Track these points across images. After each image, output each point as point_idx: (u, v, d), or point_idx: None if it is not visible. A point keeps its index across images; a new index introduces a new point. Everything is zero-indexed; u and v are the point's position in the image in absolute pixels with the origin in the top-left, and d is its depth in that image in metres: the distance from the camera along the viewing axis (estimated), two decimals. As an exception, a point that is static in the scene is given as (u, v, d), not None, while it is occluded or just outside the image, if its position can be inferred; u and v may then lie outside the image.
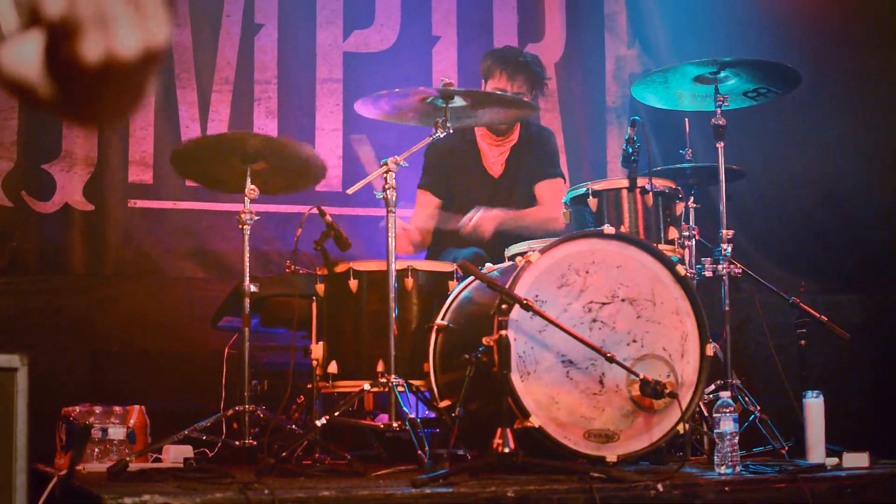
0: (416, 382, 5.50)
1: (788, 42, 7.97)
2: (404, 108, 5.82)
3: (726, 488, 4.59)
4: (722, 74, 6.03)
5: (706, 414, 5.62)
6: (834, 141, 8.17)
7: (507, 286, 4.88)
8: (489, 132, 6.91)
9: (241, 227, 5.66)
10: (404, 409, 5.30)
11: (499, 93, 6.57)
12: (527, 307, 4.81)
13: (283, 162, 5.89)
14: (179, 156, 6.15)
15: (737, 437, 4.87)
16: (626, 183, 5.76)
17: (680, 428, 5.05)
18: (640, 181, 5.74)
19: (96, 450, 5.64)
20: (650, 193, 5.76)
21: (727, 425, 4.85)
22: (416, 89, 5.69)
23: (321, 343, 5.73)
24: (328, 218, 5.66)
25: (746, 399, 5.89)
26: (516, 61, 6.89)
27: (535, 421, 4.82)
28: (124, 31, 1.34)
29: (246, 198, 5.64)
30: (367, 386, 5.41)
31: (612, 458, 4.91)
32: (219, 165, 5.86)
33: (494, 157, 6.93)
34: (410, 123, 6.03)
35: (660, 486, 4.46)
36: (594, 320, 5.04)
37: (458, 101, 5.66)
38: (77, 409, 5.77)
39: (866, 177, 8.07)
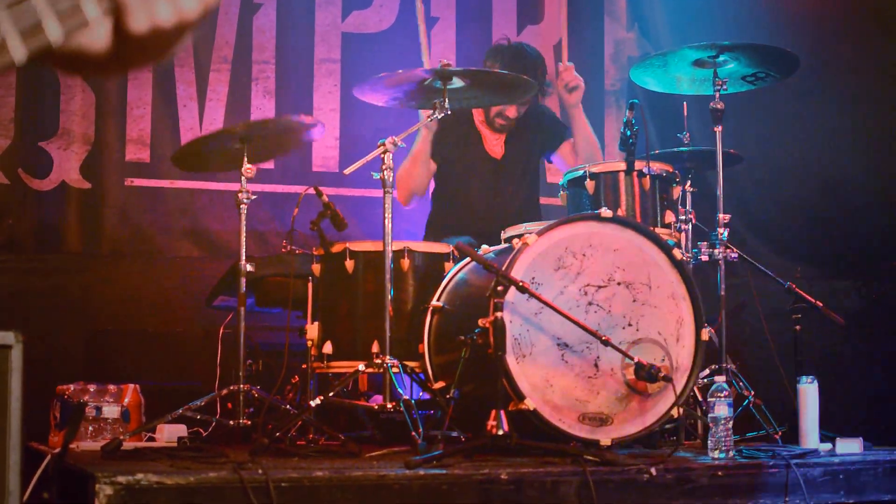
0: (410, 364, 5.50)
1: (788, 29, 7.96)
2: (403, 90, 5.81)
3: (719, 473, 4.60)
4: (721, 59, 6.01)
5: (700, 398, 5.63)
6: (832, 128, 8.16)
7: (503, 268, 4.87)
8: (489, 128, 6.89)
9: (237, 206, 5.66)
10: (399, 390, 5.30)
11: (497, 71, 6.54)
12: (523, 289, 4.81)
13: (276, 132, 5.95)
14: (179, 157, 6.24)
15: (731, 422, 4.87)
16: (623, 166, 5.75)
17: (674, 412, 5.06)
18: (638, 164, 5.73)
19: (90, 428, 5.64)
20: (647, 177, 5.75)
21: (721, 410, 4.86)
22: (413, 71, 5.69)
23: (316, 323, 5.73)
24: (325, 198, 5.66)
25: (741, 384, 5.89)
26: (513, 51, 6.87)
27: (529, 403, 4.83)
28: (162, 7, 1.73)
29: (243, 177, 5.64)
30: (361, 367, 5.42)
31: (605, 441, 4.92)
32: (217, 154, 5.91)
33: (495, 139, 6.91)
34: (410, 107, 6.02)
35: (653, 470, 4.46)
36: (590, 303, 5.05)
37: (457, 83, 5.65)
38: (71, 387, 5.77)
39: (864, 164, 8.07)
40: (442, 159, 6.89)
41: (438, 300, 5.53)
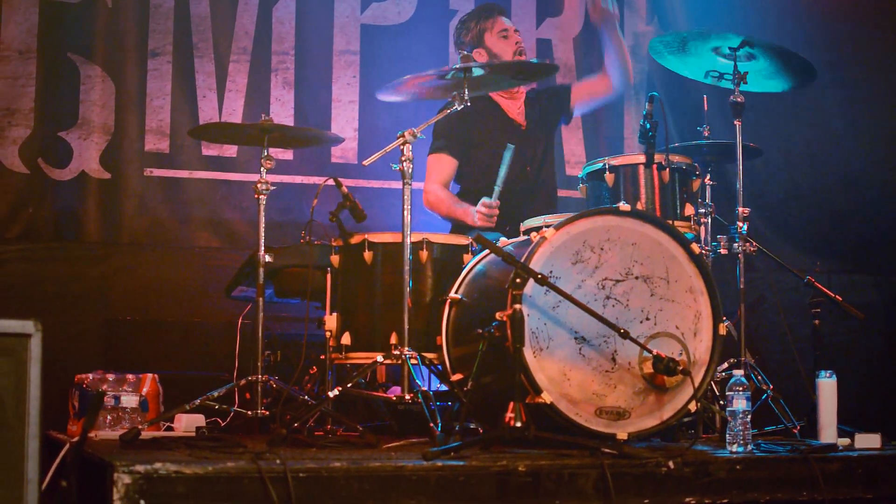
0: (428, 355, 5.50)
1: (809, 26, 7.96)
2: (423, 87, 5.82)
3: (738, 466, 4.59)
4: (741, 52, 6.02)
5: (718, 392, 5.63)
6: (850, 123, 8.16)
7: (521, 261, 4.87)
8: (505, 92, 6.95)
9: (256, 197, 5.68)
10: (417, 381, 5.31)
11: (520, 60, 6.55)
12: (542, 281, 4.80)
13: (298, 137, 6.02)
14: (197, 130, 6.39)
15: (749, 416, 4.87)
16: (643, 159, 5.75)
17: (691, 406, 5.04)
18: (657, 157, 5.73)
19: (109, 417, 5.66)
20: (667, 169, 5.75)
21: (739, 404, 4.85)
22: (433, 71, 5.69)
23: (335, 314, 5.73)
24: (344, 189, 5.67)
25: (759, 378, 5.89)
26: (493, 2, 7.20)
27: (546, 397, 4.82)
28: None
29: (262, 168, 5.66)
30: (380, 358, 5.42)
31: (622, 435, 4.90)
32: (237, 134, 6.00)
33: (515, 109, 6.96)
34: (430, 100, 6.04)
35: (671, 464, 4.46)
36: (608, 297, 5.03)
37: (477, 71, 5.65)
38: (90, 376, 5.78)
39: (883, 158, 8.06)
40: (466, 149, 6.88)
41: (456, 292, 5.52)
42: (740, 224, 5.99)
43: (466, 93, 5.57)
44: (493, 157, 6.67)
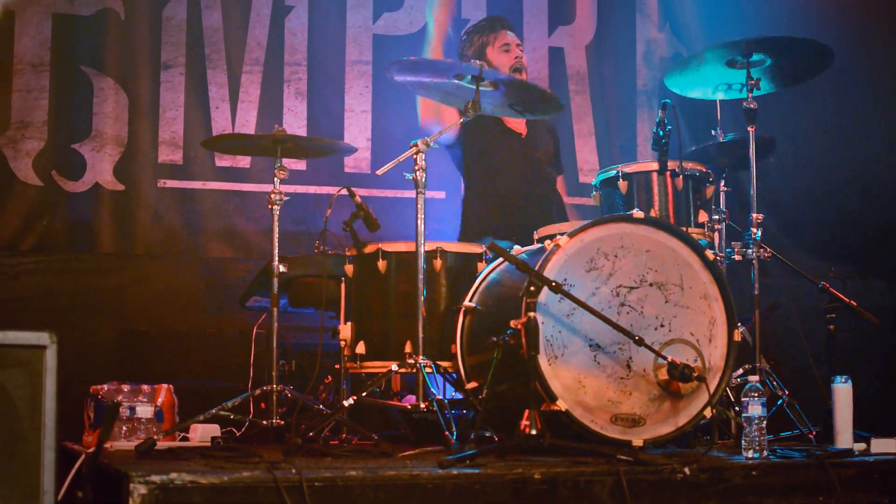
0: (443, 364, 5.50)
1: (821, 28, 7.94)
2: (437, 83, 5.81)
3: (753, 472, 4.58)
4: (754, 58, 6.00)
5: (732, 399, 5.62)
6: (864, 127, 8.14)
7: (535, 269, 4.86)
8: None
9: (270, 207, 5.69)
10: (432, 390, 5.31)
11: (532, 84, 6.57)
12: (556, 289, 4.80)
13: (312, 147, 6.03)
14: (211, 141, 6.57)
15: (764, 422, 4.86)
16: (656, 166, 5.75)
17: (707, 412, 5.04)
18: (671, 164, 5.73)
19: (124, 428, 5.67)
20: (680, 176, 5.75)
21: (755, 409, 4.84)
22: (453, 63, 5.70)
23: (349, 324, 5.74)
24: (358, 199, 5.68)
25: (774, 383, 5.88)
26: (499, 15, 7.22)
27: (561, 404, 4.81)
28: None
29: (276, 178, 5.67)
30: (394, 367, 5.42)
31: (638, 442, 4.90)
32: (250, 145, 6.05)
33: (514, 119, 6.94)
34: (436, 100, 6.04)
35: (686, 470, 4.44)
36: (622, 304, 5.03)
37: (489, 86, 5.65)
38: (105, 387, 5.80)
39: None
40: (470, 158, 6.90)
41: (471, 300, 5.52)
42: (754, 230, 5.98)
43: (479, 104, 5.57)
44: (494, 166, 6.71)
